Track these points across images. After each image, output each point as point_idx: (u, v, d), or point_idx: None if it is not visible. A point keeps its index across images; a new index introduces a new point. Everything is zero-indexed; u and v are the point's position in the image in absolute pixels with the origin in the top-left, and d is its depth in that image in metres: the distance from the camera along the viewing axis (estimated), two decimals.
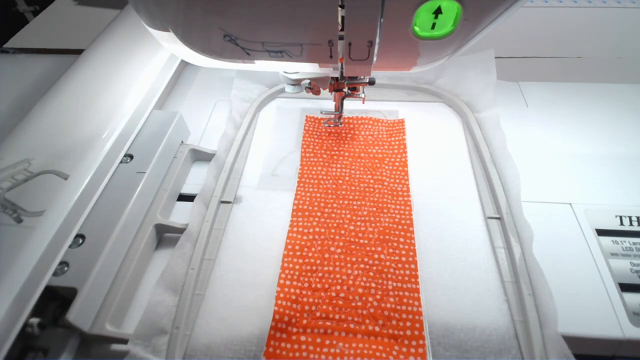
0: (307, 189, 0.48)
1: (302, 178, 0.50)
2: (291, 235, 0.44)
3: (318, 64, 0.34)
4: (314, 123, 0.56)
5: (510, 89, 0.61)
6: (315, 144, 0.54)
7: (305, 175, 0.50)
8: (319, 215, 0.46)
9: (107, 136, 0.43)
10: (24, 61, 0.66)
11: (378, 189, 0.48)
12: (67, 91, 0.47)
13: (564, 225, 0.44)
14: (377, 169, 0.50)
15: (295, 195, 0.48)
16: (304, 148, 0.53)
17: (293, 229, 0.44)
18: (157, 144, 0.47)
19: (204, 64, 0.37)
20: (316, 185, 0.49)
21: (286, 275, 0.40)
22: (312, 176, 0.50)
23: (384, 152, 0.52)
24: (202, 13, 0.30)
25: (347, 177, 0.49)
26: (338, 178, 0.49)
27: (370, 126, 0.56)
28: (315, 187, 0.48)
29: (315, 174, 0.50)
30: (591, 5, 0.76)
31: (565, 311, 0.37)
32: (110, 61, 0.51)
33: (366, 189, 0.48)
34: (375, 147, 0.53)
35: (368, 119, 0.56)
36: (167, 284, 0.39)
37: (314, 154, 0.52)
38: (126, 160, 0.46)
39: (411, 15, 0.29)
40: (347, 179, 0.49)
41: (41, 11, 0.81)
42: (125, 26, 0.56)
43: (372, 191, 0.48)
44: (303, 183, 0.49)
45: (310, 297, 0.39)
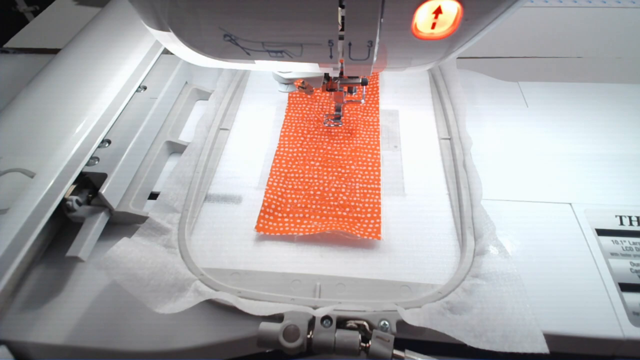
0: (293, 121, 0.57)
1: (289, 112, 0.59)
2: (279, 153, 0.53)
3: (318, 64, 0.34)
4: (298, 98, 0.62)
5: (510, 89, 0.61)
6: (297, 117, 0.59)
7: (292, 111, 0.59)
8: (302, 139, 0.55)
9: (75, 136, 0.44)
10: (24, 61, 0.66)
11: (352, 121, 0.57)
12: (38, 91, 0.47)
13: (564, 225, 0.44)
14: (353, 106, 0.59)
15: (282, 125, 0.56)
16: (291, 101, 0.61)
17: (280, 148, 0.53)
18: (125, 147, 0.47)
19: (204, 64, 0.37)
20: (301, 118, 0.58)
21: (274, 178, 0.49)
22: (297, 111, 0.59)
23: (359, 119, 0.59)
24: (202, 13, 0.30)
25: (326, 140, 0.56)
26: (317, 140, 0.56)
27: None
28: (301, 120, 0.58)
29: (301, 112, 0.59)
30: (591, 5, 0.76)
31: (566, 311, 0.38)
32: (84, 60, 0.51)
33: (342, 147, 0.55)
34: (352, 117, 0.59)
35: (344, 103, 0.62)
36: (177, 179, 0.47)
37: (295, 124, 0.58)
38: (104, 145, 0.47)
39: (411, 15, 0.29)
40: (325, 140, 0.56)
41: (41, 11, 0.81)
42: (102, 25, 0.56)
43: (347, 122, 0.57)
44: (290, 117, 0.58)
45: (293, 194, 0.48)
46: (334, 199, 0.47)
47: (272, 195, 0.47)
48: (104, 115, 0.47)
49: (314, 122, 0.57)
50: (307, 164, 0.51)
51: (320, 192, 0.48)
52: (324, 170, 0.51)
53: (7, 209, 0.37)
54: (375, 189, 0.48)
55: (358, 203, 0.47)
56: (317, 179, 0.50)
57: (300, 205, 0.47)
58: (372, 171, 0.50)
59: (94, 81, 0.49)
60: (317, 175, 0.50)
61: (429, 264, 0.42)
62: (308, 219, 0.45)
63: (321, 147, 0.54)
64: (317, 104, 0.60)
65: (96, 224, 0.42)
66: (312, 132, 0.56)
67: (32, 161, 0.41)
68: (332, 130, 0.56)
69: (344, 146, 0.54)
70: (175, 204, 0.45)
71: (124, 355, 0.36)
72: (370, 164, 0.51)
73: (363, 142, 0.54)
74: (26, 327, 0.37)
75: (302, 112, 0.59)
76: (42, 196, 0.39)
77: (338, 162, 0.52)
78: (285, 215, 0.46)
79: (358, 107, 0.59)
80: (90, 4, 0.81)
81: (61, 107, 0.46)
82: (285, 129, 0.56)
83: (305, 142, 0.54)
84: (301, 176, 0.50)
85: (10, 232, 0.36)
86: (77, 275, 0.41)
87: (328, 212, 0.46)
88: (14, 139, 0.43)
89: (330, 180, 0.49)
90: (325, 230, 0.43)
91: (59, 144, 0.42)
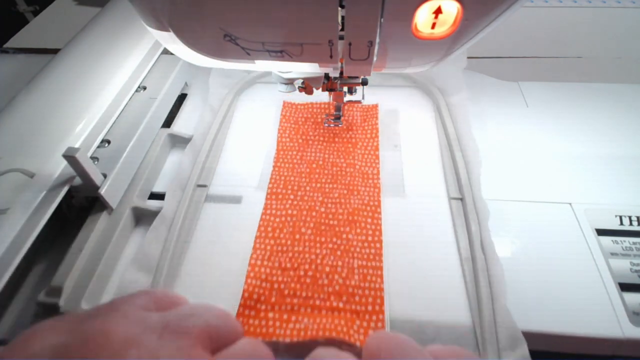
0: (282, 173, 0.50)
1: (277, 162, 0.51)
2: (264, 217, 0.45)
3: (318, 64, 0.34)
4: (291, 109, 0.58)
5: (510, 89, 0.61)
6: (291, 129, 0.55)
7: (281, 160, 0.51)
8: (292, 198, 0.47)
9: (75, 136, 0.44)
10: (24, 61, 0.66)
11: (349, 172, 0.50)
12: (38, 91, 0.47)
13: (564, 225, 0.44)
14: (350, 153, 0.52)
15: (270, 179, 0.49)
16: (280, 133, 0.55)
17: (266, 211, 0.46)
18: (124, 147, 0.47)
19: (204, 64, 0.37)
20: (291, 169, 0.50)
21: (257, 256, 0.42)
22: (287, 160, 0.51)
23: (357, 136, 0.54)
24: (202, 13, 0.30)
25: (320, 161, 0.51)
26: (312, 162, 0.51)
27: (346, 111, 0.57)
28: (290, 172, 0.50)
29: (290, 158, 0.52)
30: (591, 5, 0.76)
31: (565, 311, 0.38)
32: (84, 60, 0.51)
33: (338, 172, 0.50)
34: (349, 132, 0.55)
35: (343, 103, 0.57)
36: (140, 264, 0.40)
37: (289, 138, 0.54)
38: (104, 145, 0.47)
39: (411, 15, 0.29)
40: (320, 163, 0.51)
41: (41, 11, 0.81)
42: (102, 25, 0.56)
43: (344, 174, 0.49)
44: (278, 167, 0.51)
45: (280, 275, 0.40)
46: (329, 282, 0.40)
47: (255, 280, 0.40)
48: (104, 115, 0.47)
49: (306, 175, 0.50)
50: (297, 232, 0.44)
51: (312, 273, 0.40)
52: (316, 239, 0.43)
53: (7, 209, 0.37)
54: (376, 267, 0.41)
55: (357, 289, 0.39)
56: (308, 252, 0.42)
57: (288, 293, 0.39)
58: (372, 242, 0.43)
59: (94, 81, 0.49)
60: (308, 247, 0.42)
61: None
62: (297, 314, 0.38)
63: (314, 208, 0.46)
64: (308, 151, 0.52)
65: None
66: (302, 189, 0.48)
67: (32, 161, 0.41)
68: (326, 185, 0.48)
69: (340, 207, 0.46)
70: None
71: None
72: (370, 231, 0.44)
73: (362, 202, 0.46)
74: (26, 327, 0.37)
75: (293, 162, 0.51)
76: (42, 196, 0.39)
77: (333, 229, 0.44)
78: (269, 308, 0.38)
79: (356, 156, 0.51)
80: (90, 4, 0.81)
81: (61, 107, 0.46)
82: (272, 184, 0.49)
83: (295, 202, 0.47)
84: (290, 249, 0.42)
85: (10, 232, 0.36)
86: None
87: (321, 304, 0.38)
88: (14, 139, 0.43)
89: (324, 255, 0.42)
90: (317, 338, 0.35)
91: (59, 144, 0.42)
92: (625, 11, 0.74)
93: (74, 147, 0.38)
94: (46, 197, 0.39)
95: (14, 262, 0.36)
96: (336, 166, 0.50)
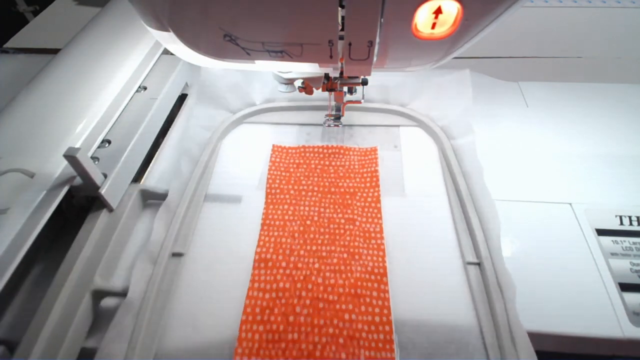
0: (272, 233, 0.43)
1: (266, 220, 0.44)
2: (251, 293, 0.38)
3: (318, 64, 0.34)
4: (282, 153, 0.52)
5: (510, 89, 0.61)
6: (281, 177, 0.49)
7: (270, 217, 0.45)
8: (284, 266, 0.41)
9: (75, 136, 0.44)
10: (24, 61, 0.66)
11: (349, 230, 0.43)
12: (38, 91, 0.47)
13: (564, 225, 0.44)
14: (349, 206, 0.46)
15: (257, 242, 0.42)
16: (270, 183, 0.48)
17: (254, 285, 0.39)
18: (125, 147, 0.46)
19: (204, 64, 0.37)
20: (281, 228, 0.44)
21: (243, 350, 0.35)
22: (277, 217, 0.45)
23: (355, 185, 0.48)
24: (202, 13, 0.30)
25: (315, 217, 0.45)
26: (306, 218, 0.45)
27: (342, 155, 0.52)
28: (281, 231, 0.43)
29: (281, 214, 0.45)
30: (591, 5, 0.76)
31: (565, 311, 0.38)
32: (84, 60, 0.51)
33: (336, 230, 0.44)
34: (347, 180, 0.49)
35: (338, 147, 0.52)
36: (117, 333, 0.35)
37: (280, 190, 0.48)
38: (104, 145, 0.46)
39: (411, 15, 0.29)
40: (315, 219, 0.45)
41: (41, 11, 0.81)
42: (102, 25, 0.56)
43: (342, 233, 0.43)
44: (267, 226, 0.44)
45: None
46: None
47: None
48: (104, 115, 0.47)
49: (299, 234, 0.43)
50: (291, 313, 0.37)
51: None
52: (313, 322, 0.37)
53: (7, 209, 0.37)
54: (388, 359, 0.35)
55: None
56: (304, 341, 0.36)
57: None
58: (380, 324, 0.36)
59: (94, 81, 0.49)
60: (304, 334, 0.36)
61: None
62: None
63: (310, 278, 0.39)
64: (302, 204, 0.46)
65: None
66: (295, 253, 0.41)
67: (32, 161, 0.41)
68: (322, 248, 0.42)
69: (340, 277, 0.40)
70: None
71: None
72: (377, 309, 0.37)
73: (365, 269, 0.40)
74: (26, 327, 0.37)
75: (284, 219, 0.45)
76: (42, 196, 0.39)
77: (332, 306, 0.37)
78: None
79: (355, 210, 0.45)
80: (90, 4, 0.81)
81: (61, 107, 0.46)
82: (260, 247, 0.42)
83: (287, 272, 0.40)
84: (283, 337, 0.36)
85: (10, 232, 0.36)
86: None
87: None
88: (14, 139, 0.43)
89: (325, 343, 0.35)
90: None
91: (59, 144, 0.42)
92: (625, 11, 0.74)
93: (75, 147, 0.38)
94: (46, 197, 0.39)
95: (14, 262, 0.36)
96: (333, 222, 0.44)
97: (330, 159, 0.51)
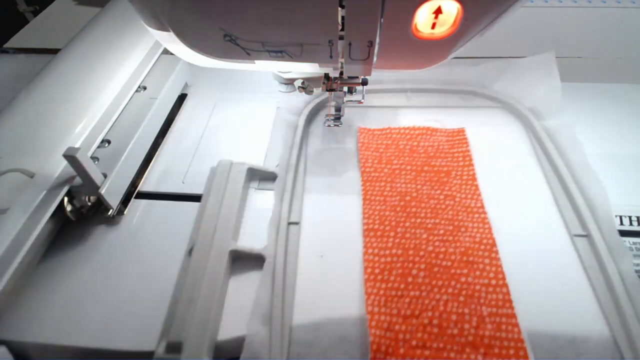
0: (374, 207, 0.45)
1: (367, 195, 0.46)
2: (367, 257, 0.41)
3: (318, 64, 0.34)
4: (369, 135, 0.53)
5: None
6: (373, 157, 0.50)
7: (369, 193, 0.47)
8: (392, 235, 0.42)
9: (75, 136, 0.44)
10: (24, 61, 0.66)
11: (450, 206, 0.44)
12: (38, 91, 0.47)
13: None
14: (445, 184, 0.47)
15: (362, 214, 0.45)
16: (363, 163, 0.50)
17: (368, 250, 0.41)
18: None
19: (204, 64, 0.37)
20: (382, 202, 0.45)
21: (372, 301, 0.38)
22: (376, 192, 0.46)
23: (448, 164, 0.49)
24: (202, 13, 0.30)
25: (414, 193, 0.46)
26: (405, 194, 0.46)
27: (429, 136, 0.52)
28: (382, 205, 0.45)
29: (380, 190, 0.47)
30: (591, 5, 0.76)
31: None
32: (84, 60, 0.51)
33: (437, 206, 0.45)
34: (439, 160, 0.49)
35: (425, 128, 0.53)
36: (257, 318, 0.37)
37: (373, 168, 0.49)
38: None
39: (411, 15, 0.29)
40: (414, 195, 0.46)
41: (41, 11, 0.81)
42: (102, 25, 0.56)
43: (444, 208, 0.44)
44: (368, 201, 0.46)
45: (402, 324, 0.36)
46: (459, 332, 0.36)
47: (378, 330, 0.36)
48: (104, 115, 0.47)
49: (401, 208, 0.45)
50: (409, 274, 0.39)
51: (437, 321, 0.36)
52: (431, 283, 0.39)
53: (7, 209, 0.37)
54: (509, 315, 0.36)
55: (493, 340, 0.35)
56: (426, 297, 0.38)
57: (416, 344, 0.35)
58: (497, 286, 0.38)
59: (94, 81, 0.49)
60: (425, 292, 0.38)
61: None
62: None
63: (420, 246, 0.41)
64: (397, 181, 0.47)
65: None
66: (401, 225, 0.43)
67: (32, 161, 0.41)
68: (428, 220, 0.43)
69: (450, 245, 0.41)
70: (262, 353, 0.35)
71: (123, 355, 0.36)
72: (492, 274, 0.39)
73: (473, 240, 0.41)
74: (26, 327, 0.37)
75: (383, 194, 0.46)
76: (42, 196, 0.39)
77: (447, 271, 0.39)
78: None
79: (453, 187, 0.46)
80: (90, 4, 0.81)
81: (61, 107, 0.46)
82: (367, 219, 0.44)
83: (397, 241, 0.42)
84: (405, 294, 0.38)
85: (10, 232, 0.36)
86: (77, 275, 0.41)
87: (457, 356, 0.35)
88: (14, 139, 0.43)
89: (446, 300, 0.37)
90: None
91: (59, 144, 0.42)
92: (625, 11, 0.74)
93: (74, 147, 0.38)
94: (46, 197, 0.39)
95: (14, 262, 0.36)
96: (433, 198, 0.45)
97: (418, 140, 0.52)
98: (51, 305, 0.39)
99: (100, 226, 0.45)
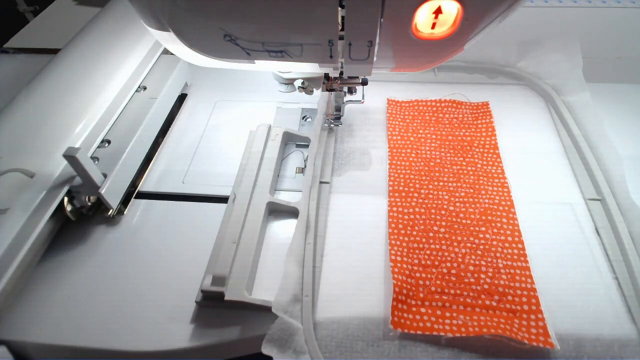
0: (399, 171, 0.49)
1: (393, 160, 0.50)
2: (392, 214, 0.44)
3: (318, 64, 0.34)
4: (397, 106, 0.57)
5: None
6: (400, 127, 0.54)
7: (396, 158, 0.50)
8: (416, 196, 0.46)
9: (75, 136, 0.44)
10: (24, 61, 0.66)
11: (472, 172, 0.48)
12: (38, 91, 0.47)
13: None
14: (468, 152, 0.50)
15: (388, 177, 0.48)
16: (390, 131, 0.53)
17: (392, 208, 0.45)
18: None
19: (204, 64, 0.37)
20: (408, 167, 0.49)
21: (396, 252, 0.41)
22: (402, 158, 0.50)
23: (472, 134, 0.52)
24: (202, 13, 0.30)
25: (438, 160, 0.50)
26: (429, 160, 0.50)
27: (454, 109, 0.56)
28: (407, 169, 0.49)
29: (405, 156, 0.50)
30: (591, 5, 0.75)
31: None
32: (84, 60, 0.51)
33: (460, 172, 0.48)
34: (462, 130, 0.53)
35: (451, 101, 0.56)
36: (292, 258, 0.40)
37: (400, 136, 0.53)
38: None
39: (411, 15, 0.29)
40: (438, 162, 0.49)
41: (41, 11, 0.81)
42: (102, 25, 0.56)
43: (466, 173, 0.48)
44: (395, 165, 0.49)
45: (422, 272, 0.40)
46: (475, 281, 0.39)
47: (400, 276, 0.39)
48: (104, 115, 0.47)
49: (425, 173, 0.48)
50: (430, 230, 0.43)
51: (455, 271, 0.39)
52: (451, 238, 0.42)
53: (7, 209, 0.37)
54: (524, 267, 0.39)
55: (507, 288, 0.38)
56: (445, 250, 0.41)
57: (434, 290, 0.38)
58: (513, 242, 0.41)
59: (94, 81, 0.49)
60: (445, 245, 0.42)
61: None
62: (451, 312, 0.37)
63: (442, 206, 0.45)
64: (422, 149, 0.51)
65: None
66: (425, 187, 0.47)
67: (32, 161, 0.41)
68: (449, 184, 0.47)
69: (470, 206, 0.45)
70: (295, 290, 0.38)
71: (123, 355, 0.36)
72: (509, 231, 0.42)
73: (492, 202, 0.45)
74: (26, 327, 0.37)
75: (408, 160, 0.50)
76: (42, 196, 0.39)
77: (467, 228, 0.43)
78: (420, 304, 0.38)
79: (475, 155, 0.50)
80: (90, 4, 0.81)
81: (61, 107, 0.46)
82: (392, 181, 0.48)
83: (421, 201, 0.45)
84: (426, 247, 0.42)
85: (10, 232, 0.36)
86: (77, 275, 0.41)
87: (473, 302, 0.38)
88: (14, 139, 0.43)
89: (464, 253, 0.41)
90: (480, 334, 0.35)
91: (59, 144, 0.42)
92: (625, 11, 0.74)
93: (74, 147, 0.38)
94: (46, 197, 0.39)
95: (14, 262, 0.36)
96: (456, 165, 0.49)
97: (444, 112, 0.56)
98: (51, 305, 0.39)
99: (100, 226, 0.45)
